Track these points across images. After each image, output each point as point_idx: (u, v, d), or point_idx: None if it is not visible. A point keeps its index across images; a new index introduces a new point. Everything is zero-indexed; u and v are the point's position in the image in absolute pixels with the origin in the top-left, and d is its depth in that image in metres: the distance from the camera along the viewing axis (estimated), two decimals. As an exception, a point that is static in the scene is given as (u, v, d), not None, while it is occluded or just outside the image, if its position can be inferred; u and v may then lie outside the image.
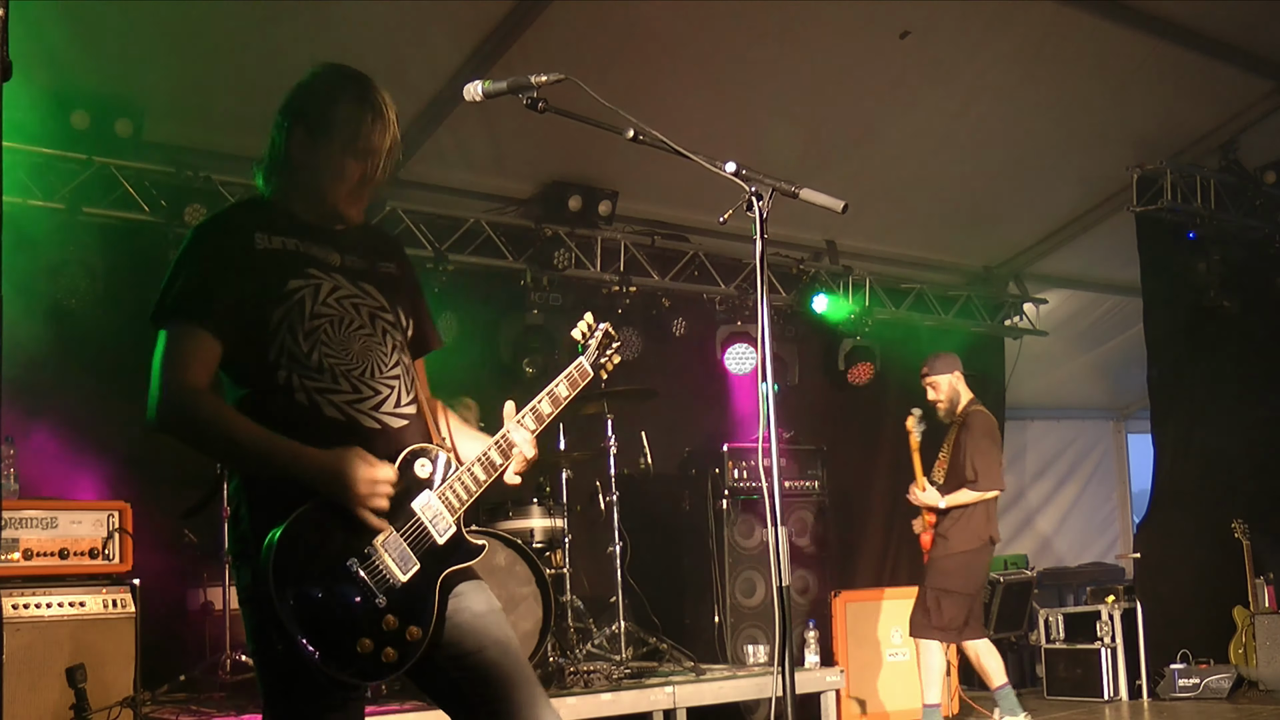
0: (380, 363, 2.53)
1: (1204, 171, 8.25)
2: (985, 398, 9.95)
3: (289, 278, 2.48)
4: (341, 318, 2.50)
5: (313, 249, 2.54)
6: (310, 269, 2.51)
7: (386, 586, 2.38)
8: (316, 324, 2.47)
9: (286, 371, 2.43)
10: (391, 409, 2.52)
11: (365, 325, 2.54)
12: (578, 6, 6.07)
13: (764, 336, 2.53)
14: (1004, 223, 9.13)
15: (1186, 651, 8.21)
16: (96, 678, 4.87)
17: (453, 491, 2.53)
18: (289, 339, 2.44)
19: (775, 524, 2.44)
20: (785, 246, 8.65)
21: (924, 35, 6.78)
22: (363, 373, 2.50)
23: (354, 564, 2.36)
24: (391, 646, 2.37)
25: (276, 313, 2.44)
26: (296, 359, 2.44)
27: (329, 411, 2.44)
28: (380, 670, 2.36)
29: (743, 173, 2.56)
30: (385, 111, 2.53)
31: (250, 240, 2.48)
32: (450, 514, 2.51)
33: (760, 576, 7.23)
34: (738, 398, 8.59)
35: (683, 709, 5.89)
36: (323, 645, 2.29)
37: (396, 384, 2.55)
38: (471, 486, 2.55)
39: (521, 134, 6.92)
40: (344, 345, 2.49)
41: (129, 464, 6.10)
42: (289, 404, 2.43)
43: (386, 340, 2.57)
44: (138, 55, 5.93)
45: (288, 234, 2.53)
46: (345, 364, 2.48)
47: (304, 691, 2.38)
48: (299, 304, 2.46)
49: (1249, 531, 8.26)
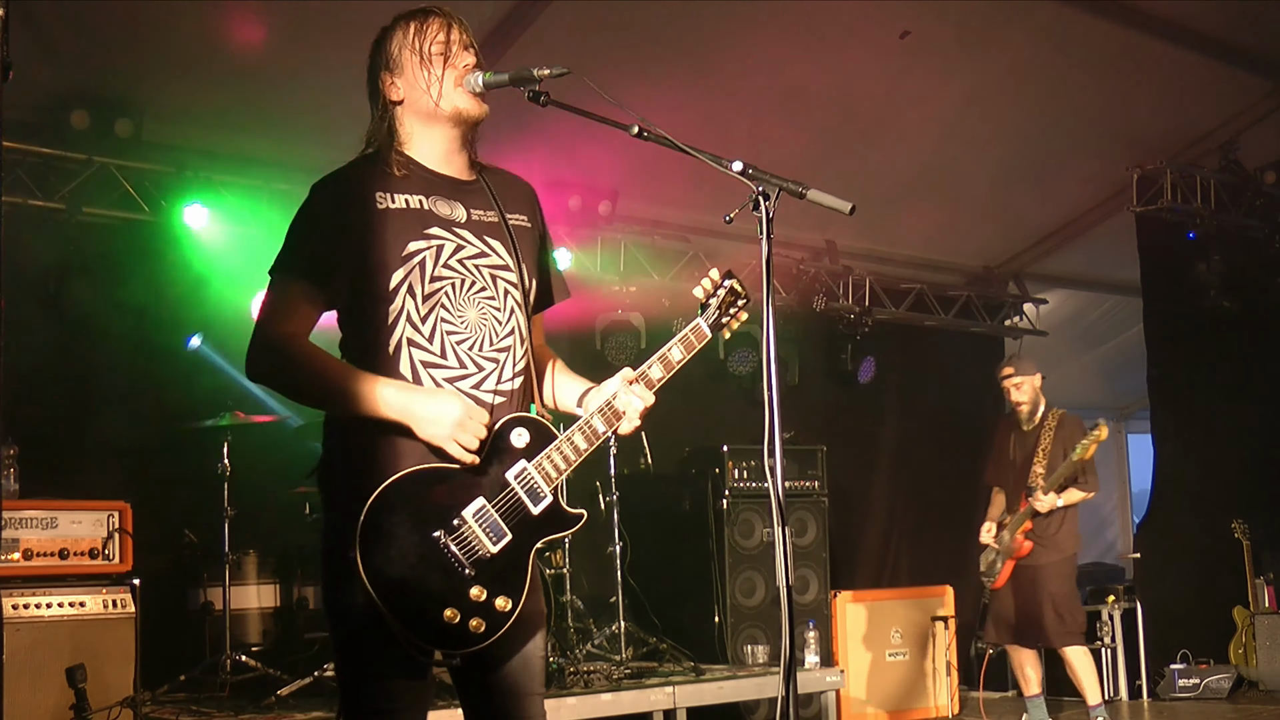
0: (494, 331, 2.50)
1: (1204, 171, 8.25)
2: (985, 398, 10.05)
3: (409, 239, 2.43)
4: (463, 281, 2.47)
5: (438, 204, 2.50)
6: (433, 228, 2.47)
7: (475, 558, 2.36)
8: (437, 287, 2.44)
9: (400, 339, 2.41)
10: (494, 386, 2.49)
11: (487, 287, 2.50)
12: (578, 6, 6.07)
13: (769, 338, 2.51)
14: (1004, 223, 9.13)
15: (1186, 651, 8.21)
16: (96, 678, 4.87)
17: (550, 461, 2.49)
18: (409, 303, 2.41)
19: (778, 524, 2.43)
20: (785, 246, 8.64)
21: (924, 35, 6.78)
22: (474, 344, 2.47)
23: (441, 534, 2.34)
24: (479, 617, 2.35)
25: (396, 276, 2.41)
26: (414, 324, 2.42)
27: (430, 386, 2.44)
28: (468, 640, 2.35)
29: (750, 172, 2.54)
30: (436, 10, 2.56)
31: (369, 199, 2.44)
32: (547, 484, 2.48)
33: (760, 576, 7.22)
34: (738, 398, 8.58)
35: (683, 709, 5.88)
36: (406, 614, 2.29)
37: (505, 356, 2.51)
38: (571, 456, 2.51)
39: (522, 133, 6.90)
40: (461, 312, 2.46)
41: (129, 464, 6.10)
42: (394, 377, 2.40)
43: (506, 301, 2.53)
44: (138, 55, 5.93)
45: (411, 189, 2.49)
46: (459, 333, 2.45)
47: (374, 650, 2.36)
48: (420, 266, 2.42)
49: (1249, 531, 8.26)
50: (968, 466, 9.81)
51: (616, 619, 6.38)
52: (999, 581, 6.52)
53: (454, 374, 2.45)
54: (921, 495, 9.49)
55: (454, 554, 2.35)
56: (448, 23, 2.56)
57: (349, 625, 2.39)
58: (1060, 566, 6.43)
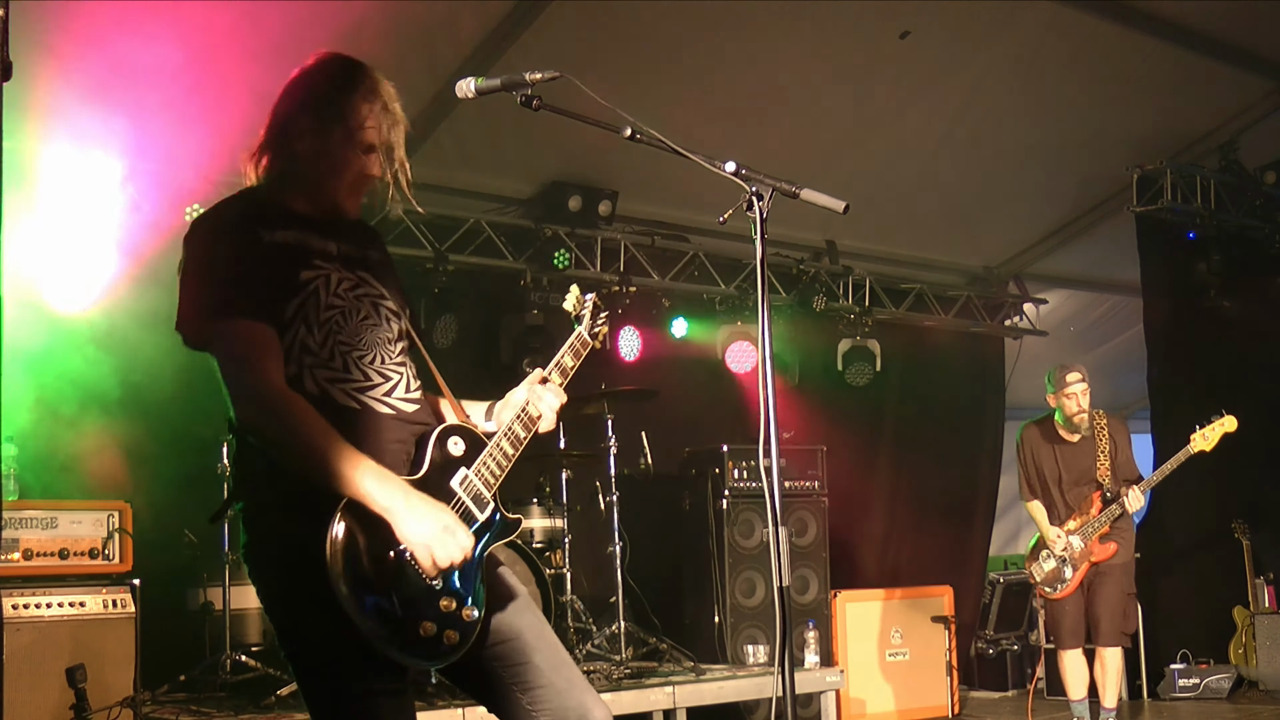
0: (388, 350, 2.51)
1: (1204, 171, 8.24)
2: (985, 398, 10.05)
3: (300, 269, 2.43)
4: (350, 308, 2.47)
5: (312, 239, 2.49)
6: (315, 260, 2.46)
7: (440, 569, 2.37)
8: (330, 315, 2.43)
9: (297, 365, 2.39)
10: (403, 394, 2.50)
11: (370, 315, 2.51)
12: (578, 6, 6.07)
13: (765, 337, 2.52)
14: (1004, 223, 9.13)
15: (1186, 651, 8.21)
16: (96, 678, 4.88)
17: (486, 468, 2.51)
18: (303, 331, 2.40)
19: (776, 524, 2.43)
20: (785, 246, 8.65)
21: (924, 35, 6.78)
22: (373, 360, 2.47)
23: (406, 549, 2.33)
24: (452, 629, 2.36)
25: (291, 305, 2.39)
26: (309, 350, 2.40)
27: (341, 400, 2.41)
28: (444, 652, 2.36)
29: (743, 172, 2.55)
30: (391, 105, 2.49)
31: (255, 233, 2.42)
32: (487, 490, 2.51)
33: (760, 576, 7.23)
34: (738, 398, 8.59)
35: (683, 709, 5.89)
36: (383, 631, 2.27)
37: (404, 369, 2.53)
38: (503, 461, 2.54)
39: (522, 134, 6.91)
40: (355, 334, 2.46)
41: (129, 464, 6.10)
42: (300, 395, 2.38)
43: (392, 327, 2.54)
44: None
45: (286, 227, 2.46)
46: (358, 351, 2.45)
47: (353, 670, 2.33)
48: (313, 295, 2.42)
49: (1249, 531, 8.26)
50: (968, 466, 9.86)
51: (616, 619, 6.38)
52: (1068, 590, 6.32)
53: (361, 385, 2.44)
54: (921, 495, 9.49)
55: (420, 567, 2.34)
56: (392, 120, 2.50)
57: (326, 651, 2.33)
58: (1130, 566, 6.42)
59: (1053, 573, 6.38)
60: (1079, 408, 6.36)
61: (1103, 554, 6.29)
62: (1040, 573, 6.43)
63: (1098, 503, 6.31)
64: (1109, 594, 6.29)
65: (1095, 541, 6.29)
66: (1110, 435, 6.39)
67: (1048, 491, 6.49)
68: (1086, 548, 6.29)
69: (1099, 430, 6.40)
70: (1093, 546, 6.29)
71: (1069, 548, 6.31)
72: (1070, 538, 6.32)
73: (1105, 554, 6.28)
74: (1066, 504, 6.42)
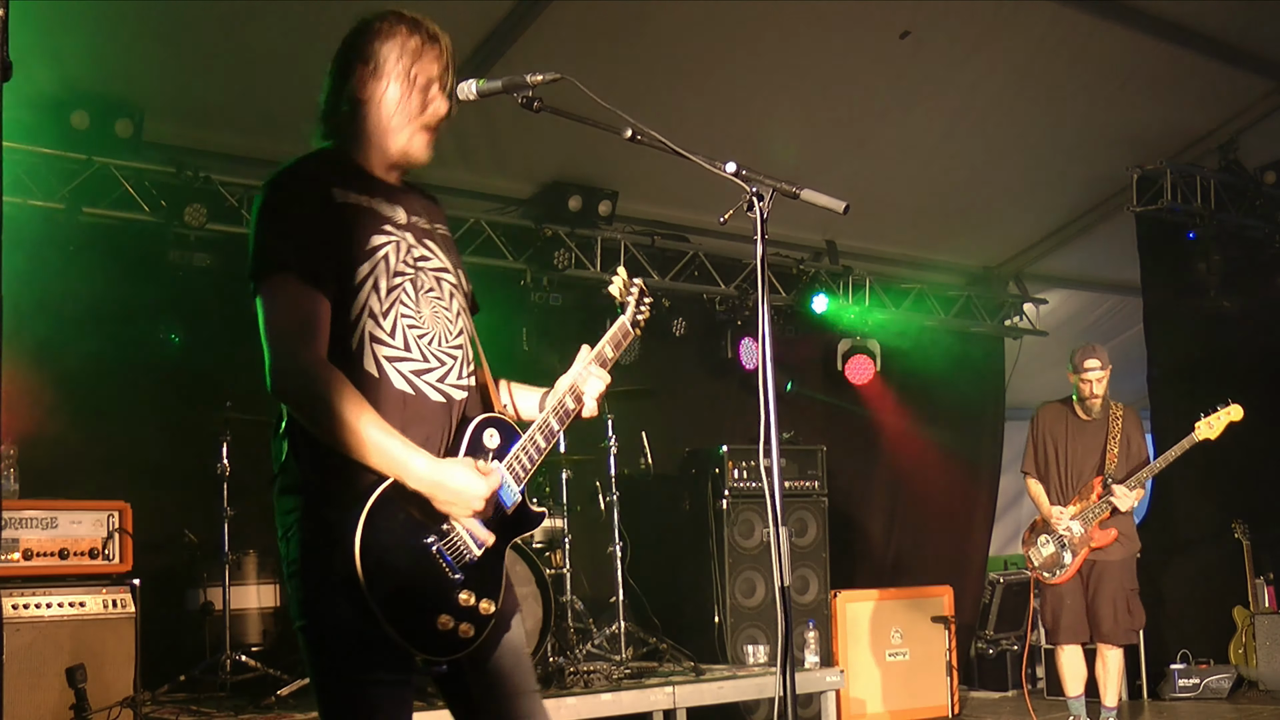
0: (447, 330, 2.48)
1: (1204, 171, 8.24)
2: (985, 398, 10.05)
3: (371, 233, 2.40)
4: (416, 279, 2.45)
5: (382, 205, 2.47)
6: (386, 225, 2.44)
7: (463, 562, 2.36)
8: (397, 282, 2.40)
9: (361, 334, 2.35)
10: (455, 380, 2.47)
11: (434, 288, 2.48)
12: (578, 6, 6.07)
13: (764, 337, 2.52)
14: (1004, 223, 9.12)
15: (1186, 651, 8.21)
16: (96, 678, 4.88)
17: (518, 461, 2.50)
18: (373, 297, 2.36)
19: (776, 524, 2.44)
20: (785, 246, 8.65)
21: (924, 35, 6.78)
22: (432, 340, 2.44)
23: (434, 541, 2.33)
24: (468, 622, 2.35)
25: (363, 269, 2.36)
26: (375, 319, 2.36)
27: (398, 383, 2.38)
28: (458, 646, 2.35)
29: (743, 173, 2.55)
30: (440, 38, 2.54)
31: (329, 193, 2.39)
32: (516, 484, 2.50)
33: (760, 576, 7.23)
34: (738, 397, 8.59)
35: (683, 709, 5.89)
36: (402, 621, 2.26)
37: (460, 353, 2.50)
38: (535, 455, 2.54)
39: (521, 134, 6.91)
40: (418, 308, 2.43)
41: (129, 464, 6.10)
42: (357, 372, 2.34)
43: (453, 304, 2.52)
44: (138, 55, 5.93)
45: (359, 189, 2.45)
46: (419, 328, 2.42)
47: (363, 660, 2.32)
48: (384, 260, 2.39)
49: (1249, 531, 8.26)
50: (968, 466, 9.85)
51: (616, 619, 6.38)
52: (1066, 575, 6.27)
53: (419, 367, 2.42)
54: (921, 495, 9.49)
55: (445, 559, 2.34)
56: (446, 61, 2.55)
57: (340, 635, 2.32)
58: (1131, 562, 6.35)
59: (1051, 557, 6.34)
60: (1093, 393, 6.39)
61: (1103, 539, 6.24)
62: (1038, 557, 6.39)
63: (1098, 488, 6.29)
64: (1110, 592, 6.26)
65: (1095, 527, 6.25)
66: (1124, 430, 6.38)
67: (1050, 471, 6.48)
68: (1086, 533, 6.25)
69: (1114, 420, 6.40)
70: (1093, 532, 6.25)
71: (1069, 531, 6.27)
72: (1071, 522, 6.28)
73: (1105, 539, 6.24)
74: (1070, 485, 6.40)
